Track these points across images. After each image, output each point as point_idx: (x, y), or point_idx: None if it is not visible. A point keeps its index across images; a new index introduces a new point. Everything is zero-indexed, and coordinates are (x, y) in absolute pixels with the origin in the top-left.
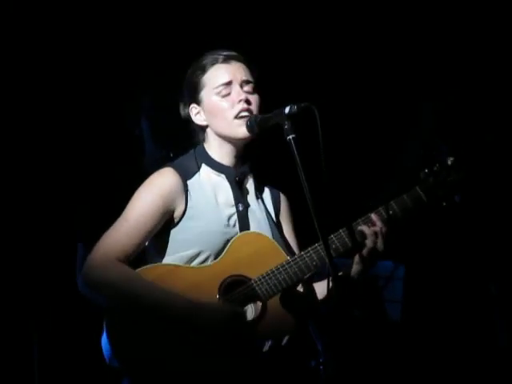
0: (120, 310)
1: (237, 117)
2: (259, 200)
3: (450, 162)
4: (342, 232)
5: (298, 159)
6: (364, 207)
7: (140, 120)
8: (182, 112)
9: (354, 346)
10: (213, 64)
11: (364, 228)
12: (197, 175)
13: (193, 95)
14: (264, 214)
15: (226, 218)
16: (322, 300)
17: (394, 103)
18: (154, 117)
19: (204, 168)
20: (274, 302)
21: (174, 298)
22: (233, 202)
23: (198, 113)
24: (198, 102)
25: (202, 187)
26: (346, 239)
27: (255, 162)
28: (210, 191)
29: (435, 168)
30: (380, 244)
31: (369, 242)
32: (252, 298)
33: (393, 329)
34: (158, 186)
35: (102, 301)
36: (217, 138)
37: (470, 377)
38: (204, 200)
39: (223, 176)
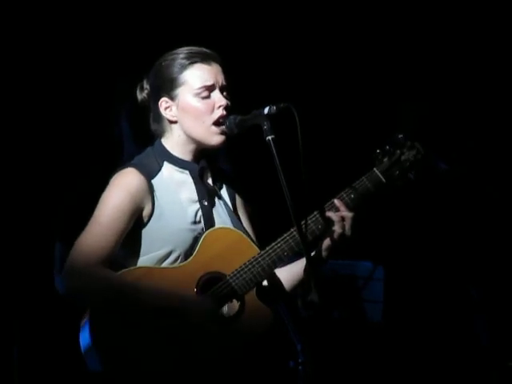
0: (106, 314)
1: (214, 123)
2: (219, 194)
3: (400, 140)
4: (309, 220)
5: (277, 159)
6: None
7: (120, 119)
8: (140, 96)
9: (334, 347)
10: (193, 62)
11: (330, 214)
12: (160, 174)
13: (166, 89)
14: (225, 208)
15: (192, 215)
16: (295, 284)
17: (373, 103)
18: (135, 117)
19: (166, 166)
20: (251, 296)
21: (159, 297)
22: (197, 198)
23: (168, 107)
24: (172, 98)
25: (166, 185)
26: (314, 227)
27: (211, 156)
28: (174, 189)
29: (387, 147)
30: (348, 229)
31: (337, 228)
32: (230, 293)
33: (373, 329)
34: (124, 186)
35: (88, 304)
36: (184, 136)
37: (452, 377)
38: (169, 198)
39: (187, 172)
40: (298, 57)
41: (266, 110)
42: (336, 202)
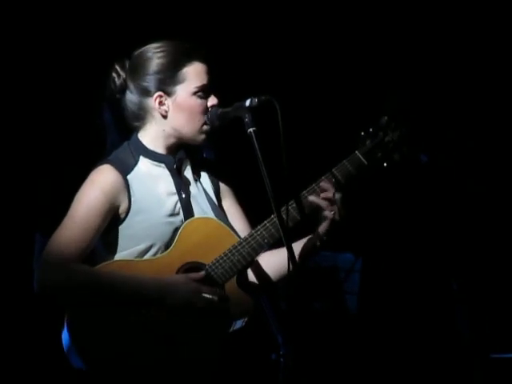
0: (84, 310)
1: (206, 123)
2: (198, 184)
3: (384, 122)
4: (290, 206)
5: (258, 152)
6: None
7: (102, 110)
8: (117, 82)
9: (315, 339)
10: (191, 60)
11: (315, 199)
12: (136, 169)
13: (163, 85)
14: (205, 198)
15: (171, 208)
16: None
17: (357, 91)
18: (117, 107)
19: (142, 160)
20: (232, 284)
21: (143, 281)
22: (174, 190)
23: (161, 102)
24: (169, 93)
25: (142, 180)
26: (295, 213)
27: (190, 147)
28: (151, 183)
29: (371, 130)
30: (337, 212)
31: (326, 212)
32: (209, 283)
33: (352, 322)
34: (99, 183)
35: (62, 303)
36: (170, 130)
37: (428, 368)
38: (146, 193)
39: (163, 165)
40: (280, 46)
41: (248, 103)
42: (322, 184)
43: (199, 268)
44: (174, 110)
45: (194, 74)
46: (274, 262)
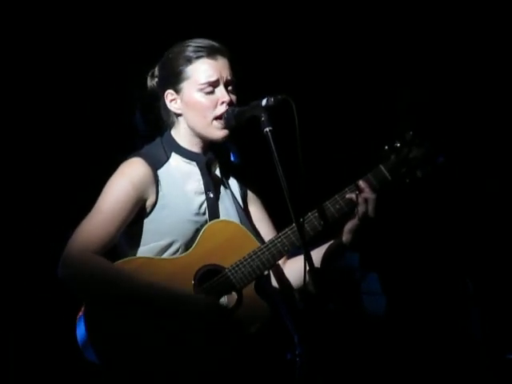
0: (100, 305)
1: (217, 118)
2: (226, 186)
3: (409, 137)
4: (311, 215)
5: (275, 152)
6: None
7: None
8: (150, 83)
9: (331, 339)
10: (199, 57)
11: (352, 196)
12: (166, 164)
13: (172, 82)
14: (232, 200)
15: (197, 207)
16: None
17: (372, 91)
18: (145, 106)
19: (174, 156)
20: (249, 289)
21: (155, 288)
22: (203, 190)
23: (173, 100)
24: (177, 91)
25: (172, 176)
26: (316, 222)
27: (220, 148)
28: (181, 180)
29: (396, 144)
30: (371, 210)
31: (360, 209)
32: (227, 287)
33: (371, 322)
34: (129, 175)
35: (81, 295)
36: (189, 129)
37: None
38: (174, 189)
39: (194, 163)
40: (296, 47)
41: (264, 102)
42: (361, 183)
43: (217, 271)
44: (184, 107)
45: (199, 71)
46: (295, 268)
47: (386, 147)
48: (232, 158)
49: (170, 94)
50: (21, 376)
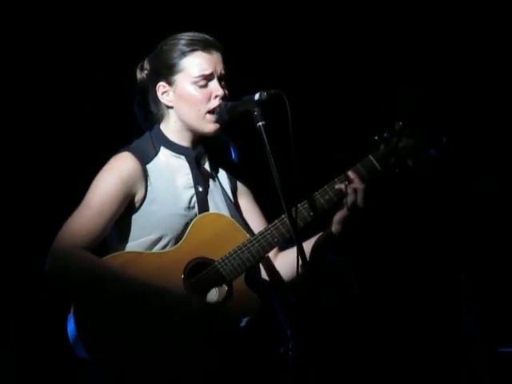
0: (87, 300)
1: (209, 112)
2: (216, 180)
3: (398, 127)
4: (301, 206)
5: (267, 146)
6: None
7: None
8: (139, 76)
9: (323, 332)
10: (194, 50)
11: (341, 186)
12: (155, 159)
13: (164, 74)
14: (221, 194)
15: (186, 201)
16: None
17: (367, 88)
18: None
19: (163, 151)
20: (240, 282)
21: (140, 284)
22: (192, 184)
23: (165, 92)
24: (170, 83)
25: (161, 171)
26: (306, 214)
27: (208, 142)
28: (170, 174)
29: (385, 134)
30: (360, 200)
31: (349, 200)
32: (217, 279)
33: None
34: (117, 170)
35: (69, 290)
36: (179, 122)
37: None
38: (164, 184)
39: (183, 157)
40: (291, 42)
41: (257, 96)
42: (350, 173)
43: (207, 264)
44: (177, 99)
45: (193, 64)
46: (286, 261)
47: (376, 137)
48: (233, 156)
49: (161, 87)
50: (14, 373)
